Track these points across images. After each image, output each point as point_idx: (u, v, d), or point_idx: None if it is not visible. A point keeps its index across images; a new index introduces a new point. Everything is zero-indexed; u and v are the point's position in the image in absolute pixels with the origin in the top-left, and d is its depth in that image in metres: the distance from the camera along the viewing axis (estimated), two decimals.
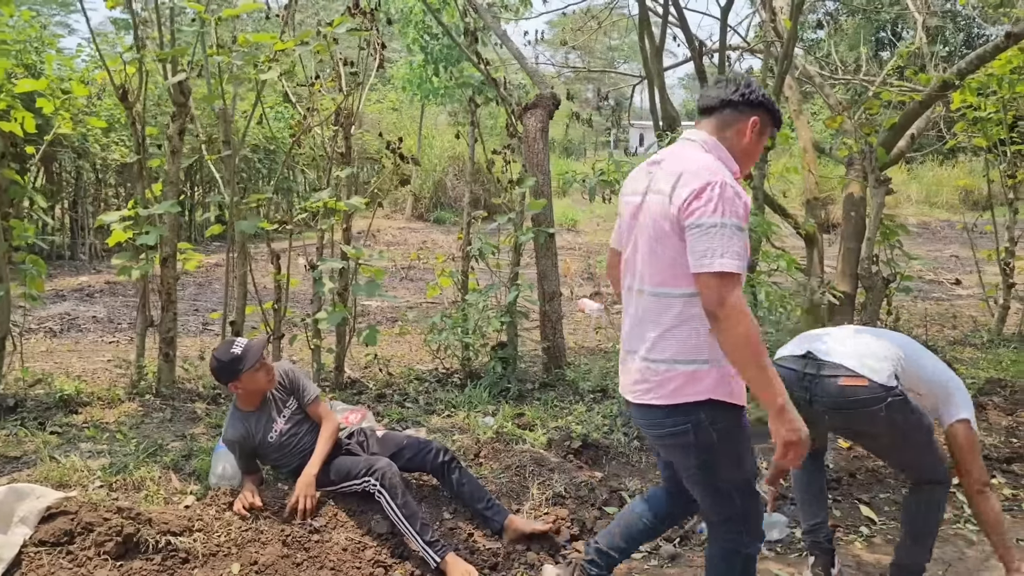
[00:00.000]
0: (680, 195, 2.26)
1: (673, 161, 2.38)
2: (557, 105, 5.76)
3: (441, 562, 3.32)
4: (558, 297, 5.77)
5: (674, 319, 2.33)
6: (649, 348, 2.37)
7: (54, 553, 3.14)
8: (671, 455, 2.56)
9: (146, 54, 4.59)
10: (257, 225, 4.63)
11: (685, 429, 2.36)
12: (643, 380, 2.40)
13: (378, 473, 3.47)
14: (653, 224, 2.35)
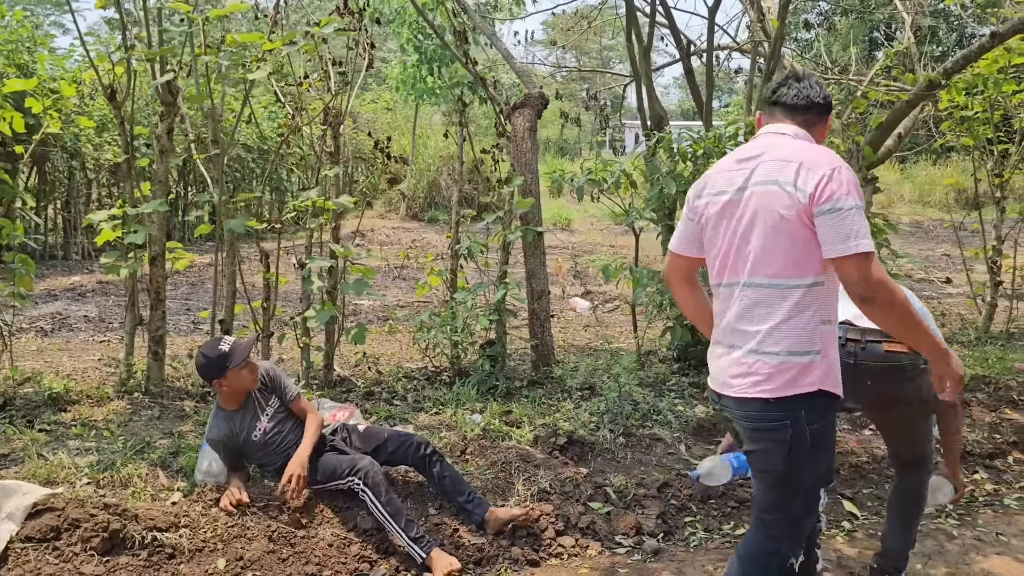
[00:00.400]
0: (809, 182, 2.24)
1: (778, 152, 2.36)
2: (545, 104, 5.79)
3: (427, 558, 3.36)
4: (546, 295, 5.80)
5: (790, 309, 2.31)
6: (760, 341, 2.33)
7: (40, 549, 3.17)
8: (755, 446, 2.47)
9: (134, 54, 4.61)
10: (246, 224, 4.66)
11: (784, 424, 2.35)
12: (750, 373, 2.35)
13: (361, 472, 3.50)
14: (767, 216, 2.31)
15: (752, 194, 2.35)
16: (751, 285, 2.36)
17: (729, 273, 2.43)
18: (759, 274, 2.35)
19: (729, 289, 2.43)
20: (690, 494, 4.05)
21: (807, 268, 2.29)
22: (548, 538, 3.66)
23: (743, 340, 2.38)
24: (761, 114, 2.59)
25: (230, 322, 4.95)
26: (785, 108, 2.50)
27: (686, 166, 5.91)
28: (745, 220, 2.37)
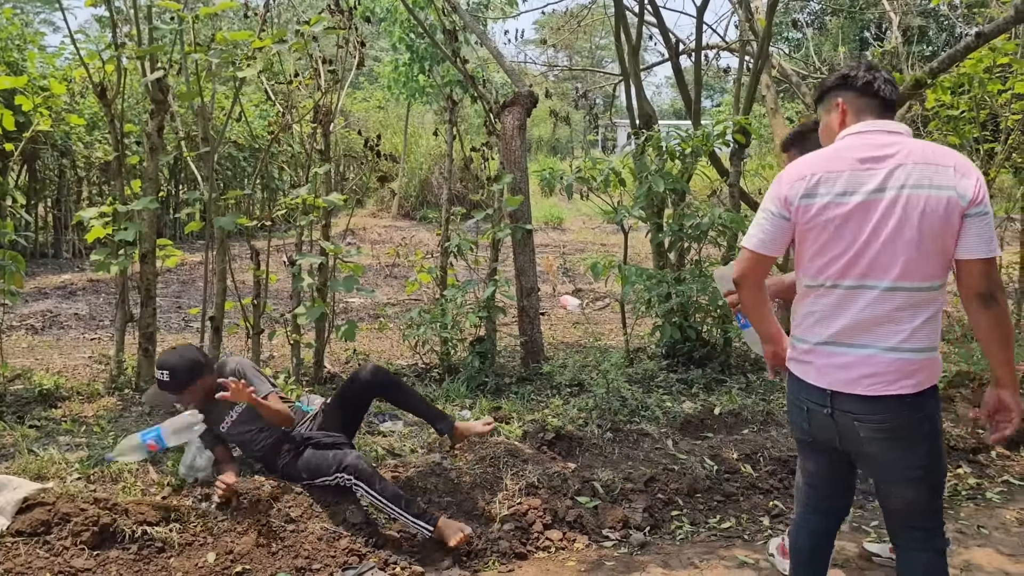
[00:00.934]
0: (967, 185, 2.26)
1: (918, 154, 2.33)
2: (535, 103, 5.83)
3: (435, 529, 3.44)
4: (536, 292, 5.84)
5: (932, 309, 2.34)
6: (904, 339, 2.32)
7: (31, 543, 3.19)
8: (892, 453, 2.41)
9: (124, 52, 4.62)
10: (235, 221, 4.68)
11: (922, 418, 2.38)
12: (888, 372, 2.34)
13: (350, 468, 3.53)
14: (924, 220, 2.28)
15: (899, 197, 2.30)
16: (899, 288, 2.33)
17: (859, 275, 2.36)
18: (911, 277, 2.31)
19: (855, 291, 2.37)
20: (677, 488, 4.09)
21: (946, 269, 2.34)
22: (536, 532, 3.70)
23: (878, 340, 2.35)
24: (843, 102, 2.51)
25: (220, 319, 4.97)
26: (883, 103, 2.47)
27: (674, 164, 5.96)
28: (892, 223, 2.31)
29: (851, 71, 2.54)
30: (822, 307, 2.44)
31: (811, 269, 2.45)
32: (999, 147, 8.00)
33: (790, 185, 2.43)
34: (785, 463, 4.41)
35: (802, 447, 2.68)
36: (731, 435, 4.74)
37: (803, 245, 2.46)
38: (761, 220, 2.49)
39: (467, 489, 3.88)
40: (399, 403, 4.08)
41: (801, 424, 2.57)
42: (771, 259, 2.52)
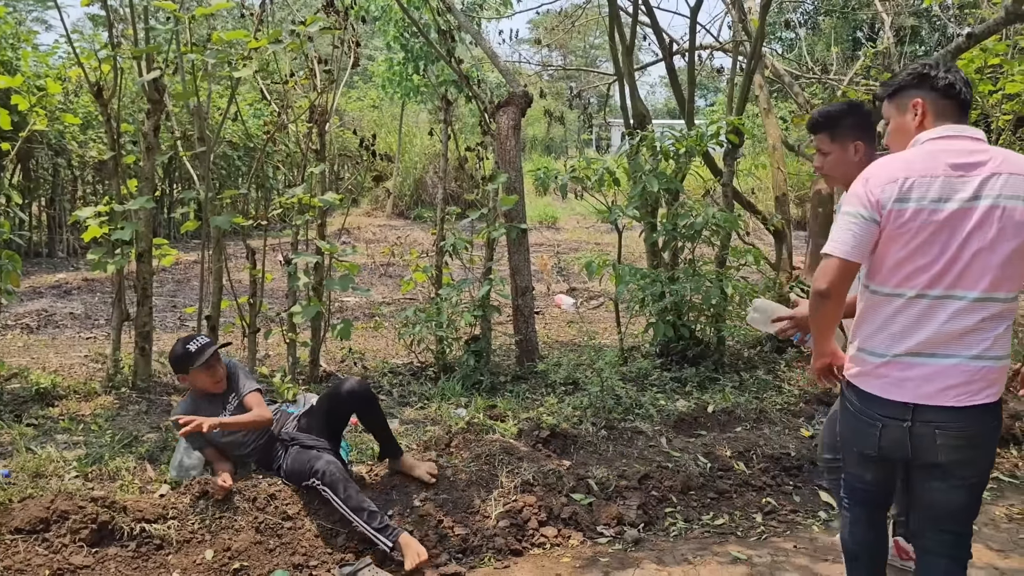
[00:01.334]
0: None
1: (1009, 164, 2.31)
2: (529, 103, 5.86)
3: (395, 544, 3.41)
4: (530, 292, 5.87)
5: (1011, 318, 2.35)
6: (987, 348, 2.32)
7: (30, 540, 3.21)
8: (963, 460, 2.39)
9: (121, 52, 4.64)
10: (231, 220, 4.70)
11: (996, 426, 2.39)
12: (974, 380, 2.32)
13: (319, 472, 3.53)
14: (1015, 231, 2.28)
15: (995, 207, 2.27)
16: (988, 300, 2.30)
17: (948, 285, 2.31)
18: (1000, 288, 2.31)
19: (942, 301, 2.32)
20: (671, 485, 4.13)
21: None
22: (531, 528, 3.73)
23: (963, 349, 2.32)
24: (923, 103, 2.43)
25: (216, 318, 5.00)
26: (961, 105, 2.42)
27: (668, 164, 5.99)
28: (986, 233, 2.28)
29: (931, 70, 2.43)
30: (903, 318, 2.36)
31: (893, 278, 2.37)
32: None
33: (881, 188, 2.33)
34: (777, 460, 4.45)
35: (863, 460, 2.57)
36: (724, 433, 4.78)
37: (886, 251, 2.36)
38: (849, 224, 2.36)
39: (463, 486, 3.91)
40: (366, 421, 3.95)
41: (869, 439, 2.45)
42: (858, 267, 2.40)
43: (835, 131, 3.06)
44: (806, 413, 5.12)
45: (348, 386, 3.85)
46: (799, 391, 5.58)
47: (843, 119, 3.05)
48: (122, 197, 4.82)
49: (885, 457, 2.48)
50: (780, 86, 8.88)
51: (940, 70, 2.42)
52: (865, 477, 2.62)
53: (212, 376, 3.82)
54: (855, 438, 2.54)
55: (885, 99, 2.56)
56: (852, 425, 2.53)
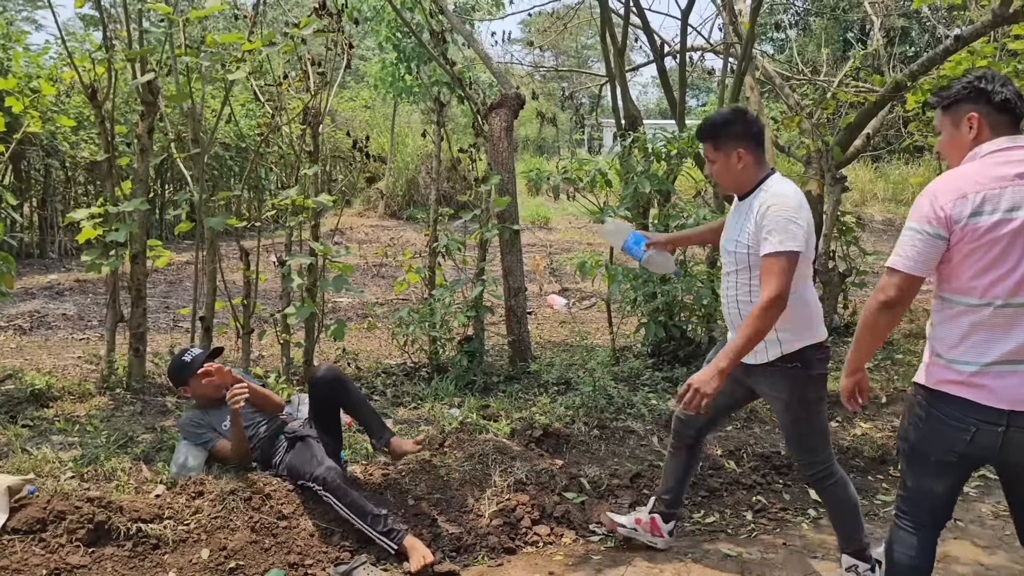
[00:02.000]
0: None
1: None
2: (522, 105, 5.90)
3: (400, 547, 3.44)
4: (523, 292, 5.90)
5: None
6: None
7: (26, 541, 3.23)
8: None
9: (115, 53, 4.66)
10: (225, 221, 4.72)
11: None
12: None
13: (320, 479, 3.55)
14: None
15: None
16: None
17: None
18: None
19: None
20: None
21: None
22: (524, 527, 3.78)
23: None
24: (979, 117, 2.48)
25: (211, 319, 5.02)
26: (1015, 118, 2.48)
27: (660, 165, 6.04)
28: None
29: (987, 84, 2.48)
30: (990, 328, 2.40)
31: (975, 289, 2.41)
32: None
33: (952, 203, 2.37)
34: (767, 459, 4.50)
35: (939, 469, 2.57)
36: (715, 432, 4.82)
37: (963, 264, 2.41)
38: (914, 240, 2.42)
39: (456, 486, 3.95)
40: (347, 406, 3.95)
41: (956, 443, 2.48)
42: (922, 280, 2.46)
43: (718, 140, 3.14)
44: None
45: (316, 375, 3.90)
46: None
47: (726, 127, 3.12)
48: (116, 199, 4.84)
49: (966, 459, 2.52)
50: (771, 87, 8.94)
51: (996, 84, 2.47)
52: (936, 489, 2.61)
53: (210, 384, 3.87)
54: (935, 445, 2.54)
55: (939, 110, 2.59)
56: (936, 431, 2.52)
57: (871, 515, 4.10)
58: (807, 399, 3.14)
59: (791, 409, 3.17)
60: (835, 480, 3.23)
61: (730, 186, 3.20)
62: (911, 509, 2.69)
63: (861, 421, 5.09)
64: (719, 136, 3.12)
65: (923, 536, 2.68)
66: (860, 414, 5.20)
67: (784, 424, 3.27)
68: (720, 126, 3.13)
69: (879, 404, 5.37)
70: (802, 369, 3.08)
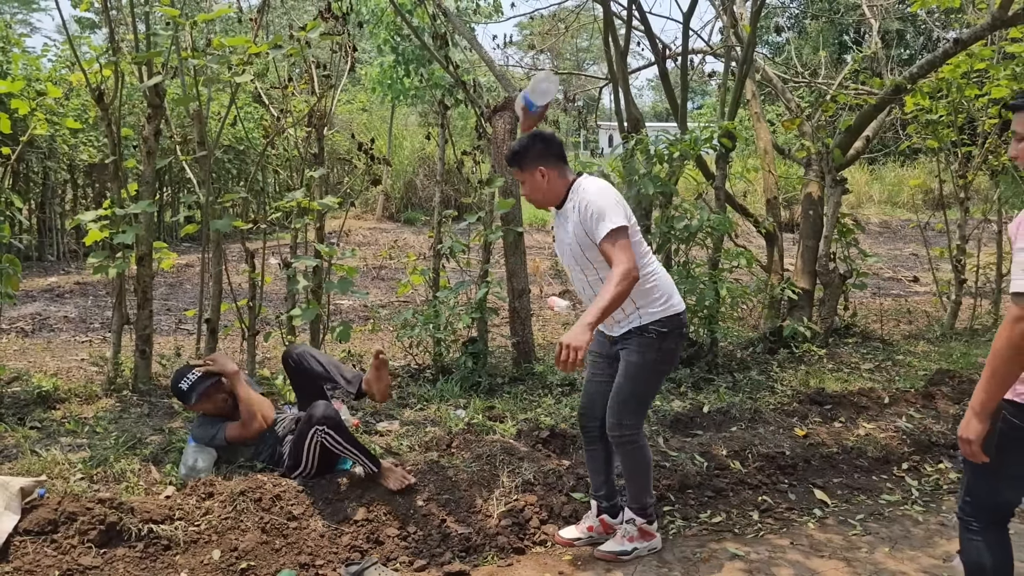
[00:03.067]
0: None
1: None
2: None
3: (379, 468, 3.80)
4: (527, 294, 5.93)
5: None
6: None
7: (38, 542, 3.24)
8: None
9: (122, 57, 4.68)
10: (231, 224, 4.74)
11: None
12: None
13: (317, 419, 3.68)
14: None
15: None
16: None
17: None
18: None
19: None
20: (668, 484, 4.19)
21: None
22: (533, 527, 3.79)
23: None
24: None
25: (216, 321, 5.04)
26: None
27: (662, 168, 6.07)
28: None
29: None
30: None
31: None
32: (976, 150, 8.20)
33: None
34: (773, 459, 4.53)
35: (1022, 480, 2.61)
36: (720, 432, 4.85)
37: None
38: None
39: (464, 486, 3.96)
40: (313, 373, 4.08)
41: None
42: None
43: (522, 163, 3.46)
44: (799, 413, 5.20)
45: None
46: (792, 391, 5.67)
47: (526, 152, 3.44)
48: (122, 201, 4.85)
49: None
50: (769, 90, 8.99)
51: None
52: (1016, 500, 2.65)
53: (214, 403, 3.97)
54: None
55: (1019, 113, 2.55)
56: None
57: (876, 514, 4.13)
58: (652, 366, 3.45)
59: (637, 370, 3.44)
60: (639, 444, 3.52)
61: (543, 201, 3.55)
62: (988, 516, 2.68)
63: (864, 422, 5.12)
64: (522, 160, 3.45)
65: (1000, 532, 2.69)
66: (864, 415, 5.24)
67: (621, 384, 3.48)
68: (520, 153, 3.45)
69: (881, 405, 5.40)
70: (656, 340, 3.40)
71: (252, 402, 3.91)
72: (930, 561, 3.62)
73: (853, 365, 6.54)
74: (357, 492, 3.81)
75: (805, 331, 6.67)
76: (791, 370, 6.25)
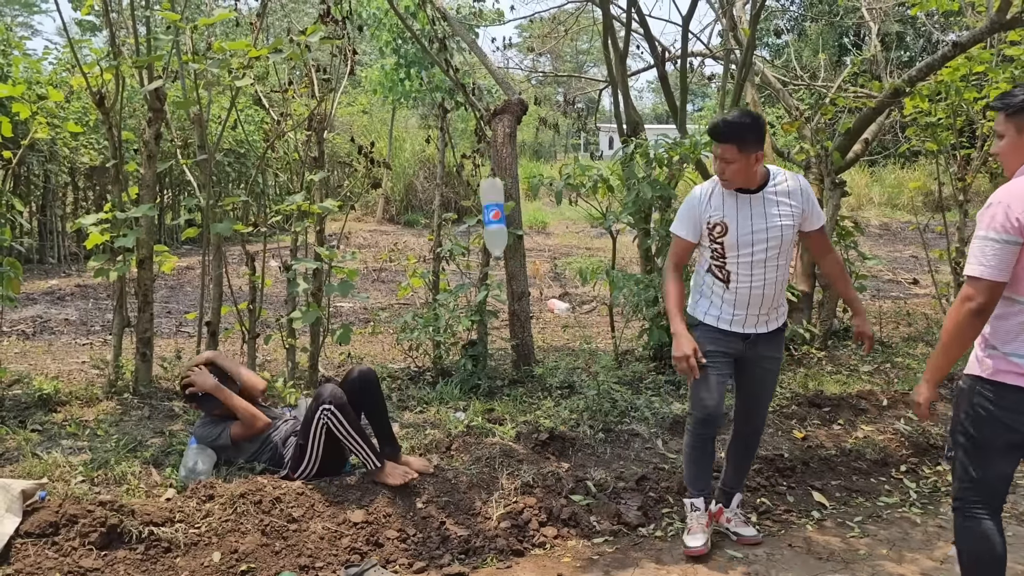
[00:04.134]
0: None
1: None
2: (525, 111, 5.94)
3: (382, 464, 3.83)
4: (527, 296, 5.94)
5: None
6: None
7: (39, 544, 3.25)
8: None
9: (123, 61, 4.69)
10: (232, 228, 4.76)
11: None
12: None
13: (324, 398, 3.74)
14: None
15: None
16: None
17: None
18: None
19: None
20: (667, 486, 4.21)
21: None
22: (532, 529, 3.81)
23: None
24: None
25: (216, 324, 5.05)
26: None
27: (662, 171, 6.08)
28: None
29: None
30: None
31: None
32: (975, 153, 8.21)
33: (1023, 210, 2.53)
34: (771, 461, 4.54)
35: (1007, 451, 2.71)
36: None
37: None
38: (995, 249, 2.55)
39: (464, 489, 3.97)
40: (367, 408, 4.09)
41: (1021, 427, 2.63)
42: (1004, 285, 2.59)
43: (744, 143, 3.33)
44: (798, 415, 5.21)
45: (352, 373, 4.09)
46: (791, 393, 5.68)
47: (753, 132, 3.33)
48: (123, 204, 4.87)
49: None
50: (769, 92, 9.01)
51: None
52: (1007, 471, 2.75)
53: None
54: (1000, 430, 2.67)
55: (1001, 114, 2.71)
56: (1000, 419, 2.65)
57: (874, 517, 4.14)
58: None
59: (778, 366, 3.74)
60: None
61: (743, 182, 3.45)
62: (983, 497, 2.76)
63: (863, 424, 5.13)
64: (745, 141, 3.33)
65: (997, 521, 2.76)
66: (862, 417, 5.25)
67: (771, 383, 3.75)
68: (746, 131, 3.34)
69: (880, 407, 5.41)
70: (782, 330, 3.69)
71: (245, 406, 3.94)
72: (929, 563, 3.62)
73: (852, 367, 6.55)
74: (357, 494, 3.82)
75: (804, 333, 6.68)
76: (790, 372, 6.26)
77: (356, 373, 4.08)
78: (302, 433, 3.84)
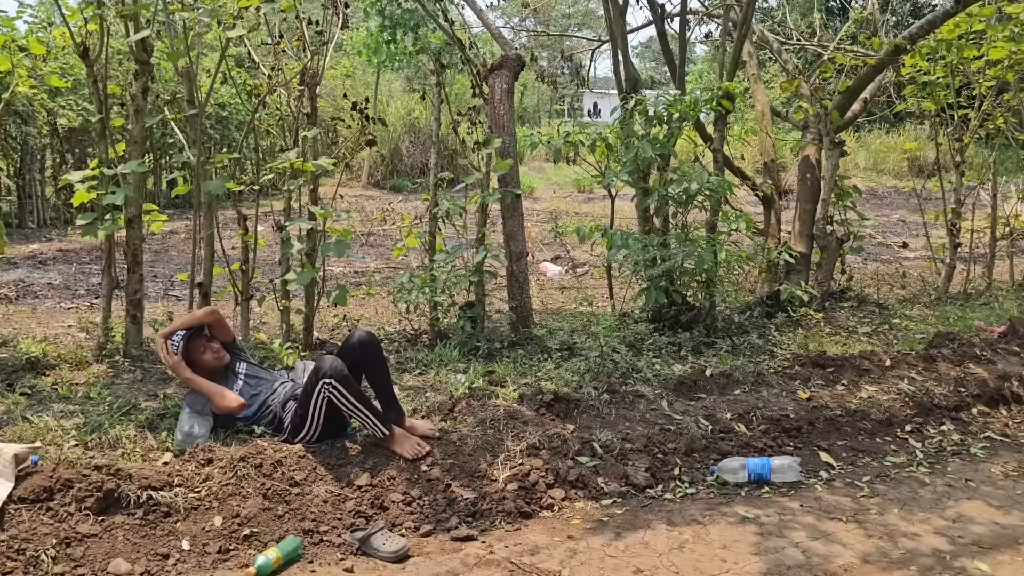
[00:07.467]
0: None
1: None
2: (522, 66, 5.79)
3: (390, 432, 3.74)
4: (525, 257, 5.83)
5: None
6: None
7: (34, 510, 3.14)
8: None
9: (108, 10, 4.49)
10: (224, 185, 4.60)
11: None
12: None
13: (323, 372, 3.64)
14: None
15: None
16: None
17: None
18: None
19: None
20: (674, 448, 4.15)
21: None
22: (540, 491, 3.73)
23: None
24: None
25: (208, 285, 4.90)
26: None
27: (661, 129, 5.96)
28: None
29: None
30: None
31: None
32: (973, 114, 8.13)
33: None
34: (777, 422, 4.49)
35: None
36: (723, 396, 4.81)
37: None
38: None
39: (469, 452, 3.89)
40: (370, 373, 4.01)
41: None
42: None
43: None
44: (802, 376, 5.17)
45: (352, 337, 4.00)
46: (791, 355, 5.63)
47: None
48: (110, 161, 4.70)
49: None
50: (766, 51, 8.88)
51: None
52: None
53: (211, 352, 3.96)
54: None
55: None
56: None
57: (882, 476, 4.10)
58: None
59: None
60: None
61: None
62: None
63: (867, 384, 5.09)
64: None
65: None
66: (866, 377, 5.21)
67: None
68: None
69: (883, 367, 5.37)
70: None
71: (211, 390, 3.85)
72: (942, 522, 3.59)
73: (850, 329, 6.51)
74: (360, 457, 3.74)
75: (802, 295, 6.63)
76: (789, 334, 6.21)
77: (356, 339, 3.98)
78: (302, 403, 3.73)
